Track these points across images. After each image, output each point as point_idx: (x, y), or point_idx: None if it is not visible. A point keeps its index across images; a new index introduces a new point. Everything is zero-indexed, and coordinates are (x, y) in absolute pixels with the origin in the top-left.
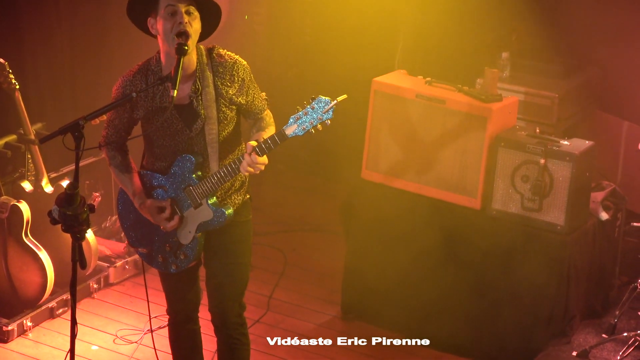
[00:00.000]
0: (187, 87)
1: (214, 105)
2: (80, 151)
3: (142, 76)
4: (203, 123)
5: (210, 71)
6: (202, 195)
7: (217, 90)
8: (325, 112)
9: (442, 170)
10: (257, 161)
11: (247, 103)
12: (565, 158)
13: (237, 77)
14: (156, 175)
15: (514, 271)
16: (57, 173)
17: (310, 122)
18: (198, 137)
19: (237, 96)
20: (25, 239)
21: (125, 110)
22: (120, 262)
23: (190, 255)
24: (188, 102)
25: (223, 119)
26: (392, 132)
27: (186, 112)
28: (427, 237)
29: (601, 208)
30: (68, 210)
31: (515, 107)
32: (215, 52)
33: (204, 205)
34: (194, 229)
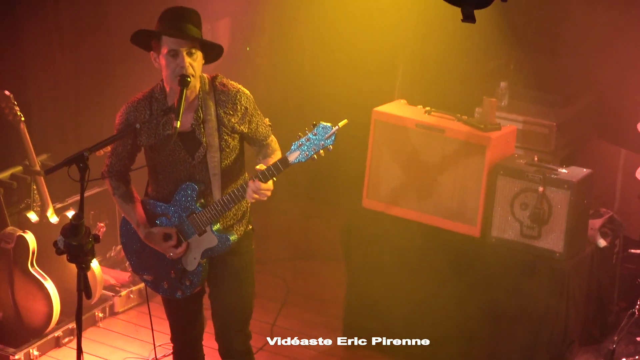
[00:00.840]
0: (189, 115)
1: (215, 133)
2: (85, 182)
3: (146, 104)
4: (205, 151)
5: (213, 100)
6: (206, 222)
7: (219, 119)
8: (327, 138)
9: (442, 198)
10: (261, 187)
11: (250, 131)
12: (564, 186)
13: (239, 105)
14: (159, 203)
15: (513, 297)
16: (62, 204)
17: (313, 149)
18: (200, 165)
19: (239, 124)
20: (31, 268)
21: (129, 138)
22: (125, 291)
23: (196, 281)
24: (190, 129)
25: (225, 147)
26: (392, 160)
27: (188, 140)
28: (427, 264)
29: (599, 235)
30: (73, 241)
31: (513, 135)
32: (218, 81)
33: (209, 232)
34: (199, 256)
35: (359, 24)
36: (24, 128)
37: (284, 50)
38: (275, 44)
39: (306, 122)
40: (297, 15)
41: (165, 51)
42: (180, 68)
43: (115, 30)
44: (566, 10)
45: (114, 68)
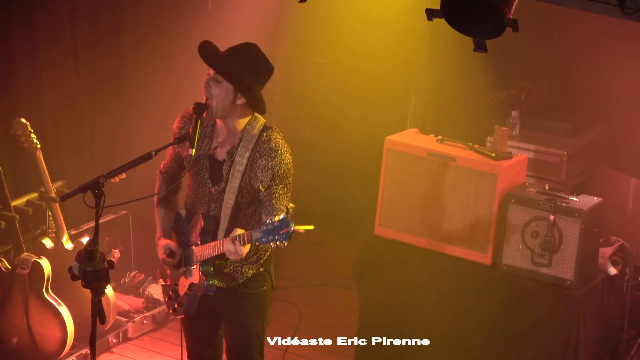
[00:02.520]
0: (226, 147)
1: (240, 177)
2: (100, 209)
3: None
4: (224, 188)
5: (253, 144)
6: (196, 258)
7: (248, 166)
8: (282, 233)
9: (454, 226)
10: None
11: (263, 196)
12: (574, 214)
13: (271, 165)
14: (184, 224)
15: (524, 325)
16: (77, 230)
17: (270, 238)
18: (216, 198)
19: (259, 182)
20: (46, 294)
21: (178, 145)
22: (139, 317)
23: (183, 305)
24: (221, 160)
25: (243, 194)
26: (404, 189)
27: (216, 169)
28: (439, 292)
29: (610, 263)
30: (88, 267)
31: (524, 164)
32: (267, 133)
33: (196, 269)
34: (187, 286)
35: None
36: (40, 155)
37: (298, 79)
38: (289, 74)
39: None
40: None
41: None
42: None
43: (131, 56)
44: (577, 40)
45: (129, 95)
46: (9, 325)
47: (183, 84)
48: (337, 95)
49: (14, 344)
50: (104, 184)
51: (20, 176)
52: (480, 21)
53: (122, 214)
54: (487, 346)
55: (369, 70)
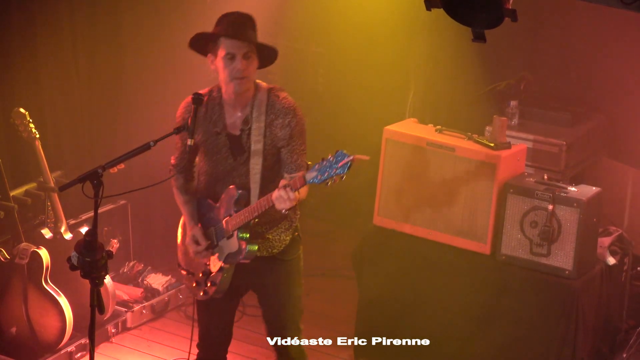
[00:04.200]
0: (239, 119)
1: (262, 140)
2: (99, 199)
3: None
4: (248, 156)
5: (265, 108)
6: (234, 226)
7: (267, 128)
8: (339, 166)
9: (453, 216)
10: (283, 195)
11: (284, 152)
12: (573, 204)
13: (287, 122)
14: (209, 203)
15: (522, 314)
16: (76, 220)
17: (327, 173)
18: (242, 169)
19: (280, 140)
20: (45, 284)
21: (185, 134)
22: (138, 307)
23: (216, 283)
24: (238, 134)
25: (268, 156)
26: (403, 179)
27: (235, 143)
28: (438, 282)
29: (608, 253)
30: (87, 257)
31: (523, 154)
32: (274, 93)
33: (234, 237)
34: (222, 258)
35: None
36: (39, 145)
37: (297, 69)
38: (287, 63)
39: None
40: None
41: (222, 54)
42: (237, 71)
43: (130, 47)
44: (576, 30)
45: (128, 85)
46: (8, 315)
47: (182, 74)
48: (336, 85)
49: (13, 333)
50: (102, 174)
51: (19, 166)
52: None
53: (121, 204)
54: (485, 335)
55: (368, 60)
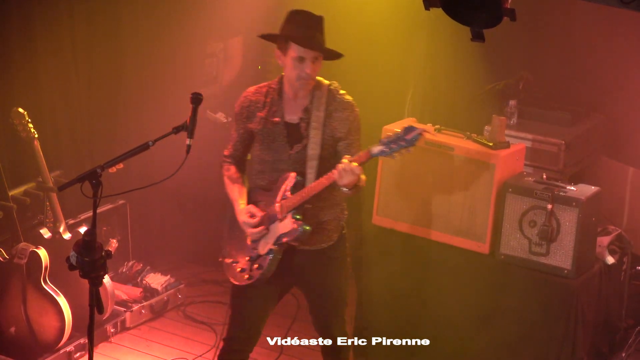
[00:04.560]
0: (298, 108)
1: (320, 129)
2: (98, 198)
3: (262, 92)
4: (305, 145)
5: (325, 101)
6: (289, 208)
7: (326, 119)
8: (409, 139)
9: (451, 215)
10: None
11: (342, 146)
12: (572, 203)
13: (346, 117)
14: (261, 192)
15: (521, 314)
16: (75, 220)
17: (396, 146)
18: (298, 157)
19: (341, 133)
20: (43, 284)
21: (243, 122)
22: (137, 306)
23: (264, 266)
24: (297, 122)
25: (325, 146)
26: (402, 178)
27: (292, 132)
28: (437, 281)
29: (607, 252)
30: (85, 257)
31: (522, 153)
32: (334, 87)
33: (288, 218)
34: (272, 241)
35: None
36: (38, 145)
37: None
38: None
39: None
40: None
41: (293, 55)
42: (306, 75)
43: (129, 47)
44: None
45: (126, 85)
46: (7, 315)
47: (181, 74)
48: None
49: (12, 333)
50: (101, 174)
51: (17, 166)
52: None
53: (119, 203)
54: (484, 335)
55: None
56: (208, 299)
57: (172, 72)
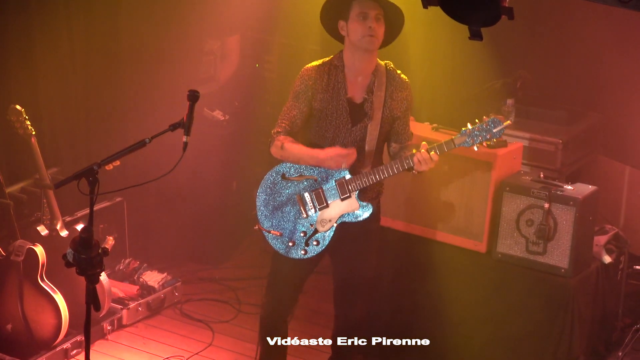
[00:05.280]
0: (362, 87)
1: (380, 109)
2: (95, 196)
3: (325, 70)
4: (368, 123)
5: (385, 80)
6: (354, 188)
7: (387, 98)
8: (496, 130)
9: (449, 214)
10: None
11: (400, 124)
12: (569, 202)
13: (404, 96)
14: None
15: (518, 313)
16: (72, 217)
17: (480, 137)
18: (358, 134)
19: (400, 111)
20: (40, 281)
21: (306, 99)
22: (133, 304)
23: (322, 242)
24: (360, 101)
25: (384, 124)
26: (399, 177)
27: (356, 110)
28: (434, 280)
29: (604, 251)
30: (82, 254)
31: (520, 152)
32: (391, 67)
33: (353, 197)
34: (335, 218)
35: None
36: (35, 142)
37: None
38: (284, 61)
39: None
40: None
41: (356, 12)
42: (370, 29)
43: (126, 45)
44: (572, 29)
45: (124, 83)
46: (4, 312)
47: (178, 71)
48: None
49: (9, 330)
50: (98, 171)
51: (14, 163)
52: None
53: (116, 201)
54: (481, 333)
55: None
56: (205, 297)
57: (169, 70)
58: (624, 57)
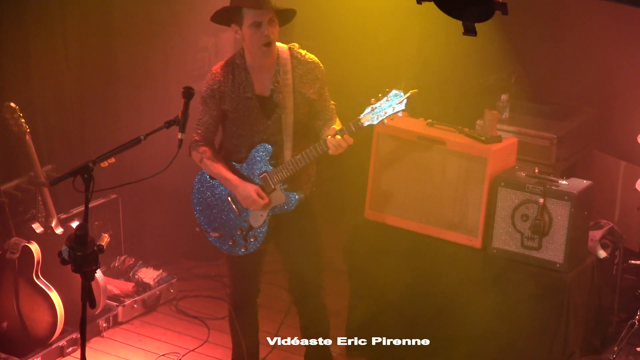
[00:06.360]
0: (267, 80)
1: (291, 97)
2: (90, 193)
3: (229, 70)
4: (281, 113)
5: (290, 66)
6: (277, 181)
7: (295, 85)
8: (399, 103)
9: (444, 209)
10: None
11: (319, 102)
12: (564, 197)
13: (315, 76)
14: (233, 164)
15: (513, 308)
16: (67, 214)
17: (385, 112)
18: (274, 127)
19: (312, 93)
20: (36, 279)
21: (216, 104)
22: (129, 301)
23: (260, 237)
24: (269, 94)
25: (298, 111)
26: (394, 172)
27: (266, 103)
28: (429, 275)
29: (599, 246)
30: (78, 251)
31: (514, 148)
32: (295, 50)
33: (277, 190)
34: (265, 213)
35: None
36: (29, 139)
37: None
38: None
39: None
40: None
41: (249, 22)
42: (265, 37)
43: (121, 41)
44: (567, 23)
45: (118, 79)
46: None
47: (173, 68)
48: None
49: (4, 328)
50: (93, 168)
51: (9, 160)
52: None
53: (111, 198)
54: (476, 329)
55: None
56: (200, 294)
57: (164, 67)
58: (618, 51)
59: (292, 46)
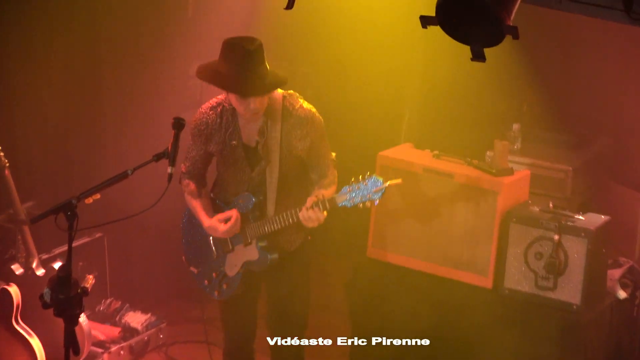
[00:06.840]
0: (254, 130)
1: (277, 150)
2: (74, 231)
3: (217, 112)
4: (265, 166)
5: (280, 118)
6: (253, 235)
7: (283, 138)
8: (375, 192)
9: (451, 247)
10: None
11: (310, 160)
12: (581, 234)
13: (304, 132)
14: (222, 205)
15: (528, 352)
16: (49, 254)
17: (360, 198)
18: (259, 179)
19: (301, 150)
20: (15, 324)
21: (202, 143)
22: (115, 347)
23: (233, 286)
24: (254, 145)
25: (285, 166)
26: (398, 207)
27: (251, 154)
28: (436, 317)
29: (619, 286)
30: (60, 294)
31: (527, 180)
32: (289, 101)
33: (253, 245)
34: (239, 265)
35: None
36: (9, 175)
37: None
38: None
39: None
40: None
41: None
42: (252, 110)
43: (108, 71)
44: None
45: (105, 110)
46: None
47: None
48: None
49: None
50: (77, 205)
51: None
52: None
53: (96, 237)
54: None
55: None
56: (192, 339)
57: (153, 96)
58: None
59: (287, 95)
